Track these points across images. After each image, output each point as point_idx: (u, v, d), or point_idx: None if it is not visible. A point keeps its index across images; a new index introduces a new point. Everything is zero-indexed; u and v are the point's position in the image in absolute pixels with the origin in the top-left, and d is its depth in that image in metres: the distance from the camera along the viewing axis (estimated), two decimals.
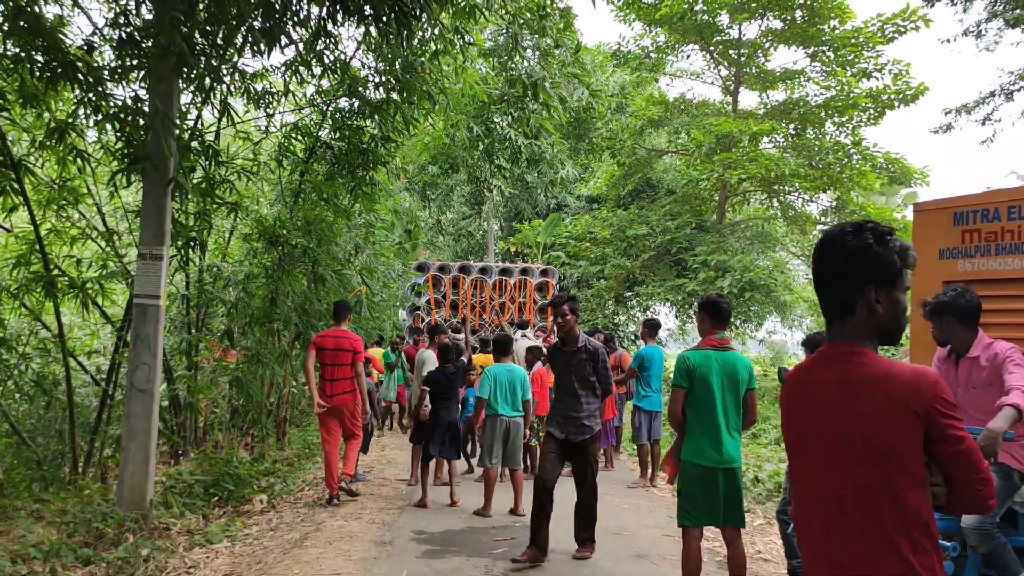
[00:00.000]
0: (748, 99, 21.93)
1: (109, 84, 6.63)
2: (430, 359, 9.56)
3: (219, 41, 7.34)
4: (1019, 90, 16.71)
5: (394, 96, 8.88)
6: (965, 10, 16.80)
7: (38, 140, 7.24)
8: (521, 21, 9.74)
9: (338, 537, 6.73)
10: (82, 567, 5.52)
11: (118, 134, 6.65)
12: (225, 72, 7.71)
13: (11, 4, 5.74)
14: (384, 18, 7.17)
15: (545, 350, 11.27)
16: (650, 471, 9.71)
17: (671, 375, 5.65)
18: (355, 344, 8.31)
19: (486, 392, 7.76)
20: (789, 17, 18.43)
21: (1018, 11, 15.89)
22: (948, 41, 17.76)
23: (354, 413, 8.26)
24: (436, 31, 8.57)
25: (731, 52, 19.69)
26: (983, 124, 17.51)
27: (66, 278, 7.51)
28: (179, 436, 8.83)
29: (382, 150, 9.49)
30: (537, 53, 10.86)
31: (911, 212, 6.19)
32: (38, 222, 7.32)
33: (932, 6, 16.48)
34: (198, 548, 6.22)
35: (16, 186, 6.94)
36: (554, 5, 9.43)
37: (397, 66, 8.65)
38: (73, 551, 5.61)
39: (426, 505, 8.02)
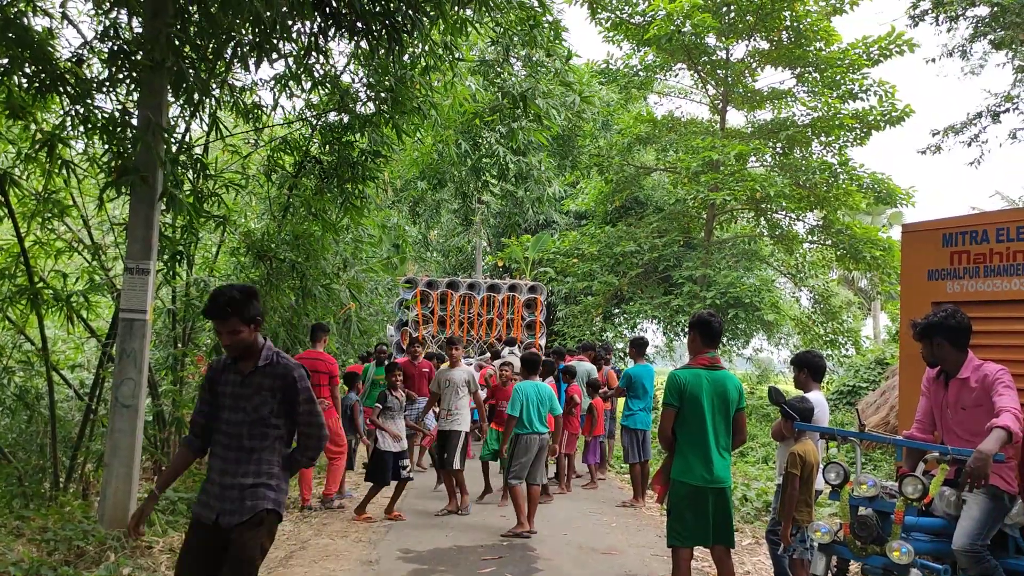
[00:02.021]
0: (736, 118, 22.08)
1: (98, 96, 6.60)
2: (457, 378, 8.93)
3: (209, 55, 7.31)
4: (1006, 112, 16.87)
5: (384, 109, 8.87)
6: (949, 30, 16.99)
7: (24, 152, 7.18)
8: (511, 33, 9.78)
9: (323, 556, 6.65)
10: None
11: (106, 146, 6.61)
12: (214, 86, 7.68)
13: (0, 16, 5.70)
14: (375, 33, 7.18)
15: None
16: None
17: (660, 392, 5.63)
18: (331, 368, 8.54)
19: (518, 410, 7.72)
20: (776, 38, 18.61)
21: (1001, 32, 16.07)
22: (933, 61, 17.97)
23: (334, 431, 8.45)
24: (426, 47, 8.59)
25: (719, 72, 19.84)
26: (969, 145, 17.68)
27: (51, 291, 7.43)
28: (163, 452, 8.73)
29: (372, 164, 9.48)
30: (527, 66, 10.91)
31: (898, 232, 6.22)
32: (23, 234, 7.25)
33: (916, 25, 16.65)
34: None
35: (1, 198, 6.88)
36: (543, 17, 9.45)
37: (388, 81, 8.66)
38: (53, 569, 5.50)
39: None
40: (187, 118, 7.85)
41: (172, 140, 7.39)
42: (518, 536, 7.49)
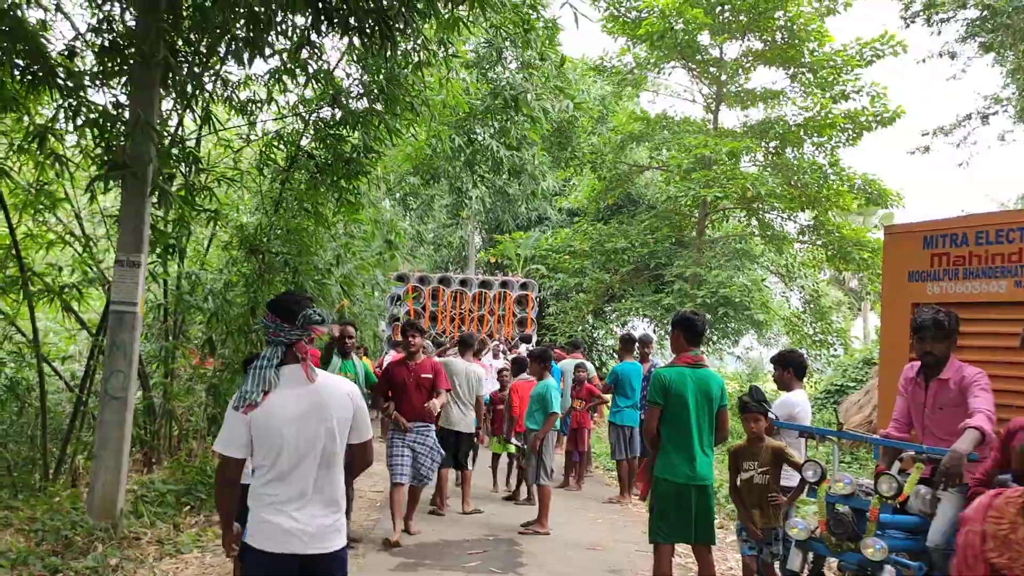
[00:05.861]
0: (729, 119, 22.19)
1: (90, 90, 6.61)
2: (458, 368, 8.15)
3: (202, 49, 7.33)
4: (995, 114, 17.02)
5: (377, 106, 8.89)
6: (940, 32, 17.11)
7: (16, 144, 7.20)
8: (505, 34, 9.80)
9: None
10: (49, 575, 5.47)
11: (97, 139, 6.63)
12: (208, 80, 7.70)
13: None
14: (368, 30, 7.20)
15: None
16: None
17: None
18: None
19: (558, 407, 7.74)
20: (769, 38, 18.66)
21: (991, 35, 16.17)
22: (923, 61, 18.09)
23: None
24: (419, 42, 8.60)
25: (712, 70, 19.89)
26: (959, 147, 17.84)
27: (42, 283, 7.45)
28: (153, 444, 8.76)
29: (365, 159, 9.50)
30: (520, 65, 10.93)
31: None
32: (14, 226, 7.28)
33: (908, 27, 16.76)
34: (168, 558, 6.17)
35: None
36: (538, 18, 9.46)
37: (381, 77, 8.67)
38: (41, 559, 5.55)
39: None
40: (180, 111, 7.87)
41: (164, 134, 7.41)
42: (537, 533, 7.51)
